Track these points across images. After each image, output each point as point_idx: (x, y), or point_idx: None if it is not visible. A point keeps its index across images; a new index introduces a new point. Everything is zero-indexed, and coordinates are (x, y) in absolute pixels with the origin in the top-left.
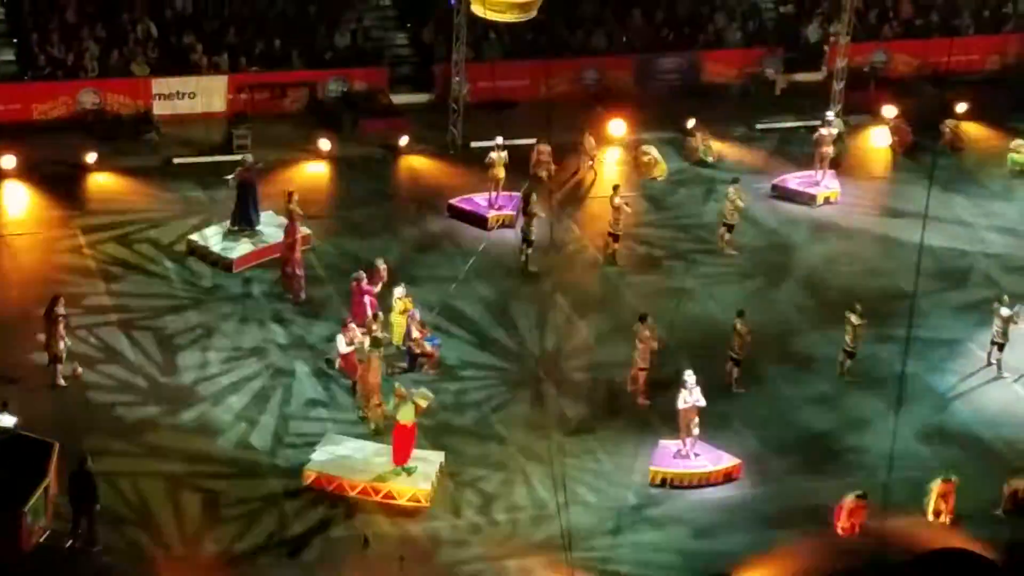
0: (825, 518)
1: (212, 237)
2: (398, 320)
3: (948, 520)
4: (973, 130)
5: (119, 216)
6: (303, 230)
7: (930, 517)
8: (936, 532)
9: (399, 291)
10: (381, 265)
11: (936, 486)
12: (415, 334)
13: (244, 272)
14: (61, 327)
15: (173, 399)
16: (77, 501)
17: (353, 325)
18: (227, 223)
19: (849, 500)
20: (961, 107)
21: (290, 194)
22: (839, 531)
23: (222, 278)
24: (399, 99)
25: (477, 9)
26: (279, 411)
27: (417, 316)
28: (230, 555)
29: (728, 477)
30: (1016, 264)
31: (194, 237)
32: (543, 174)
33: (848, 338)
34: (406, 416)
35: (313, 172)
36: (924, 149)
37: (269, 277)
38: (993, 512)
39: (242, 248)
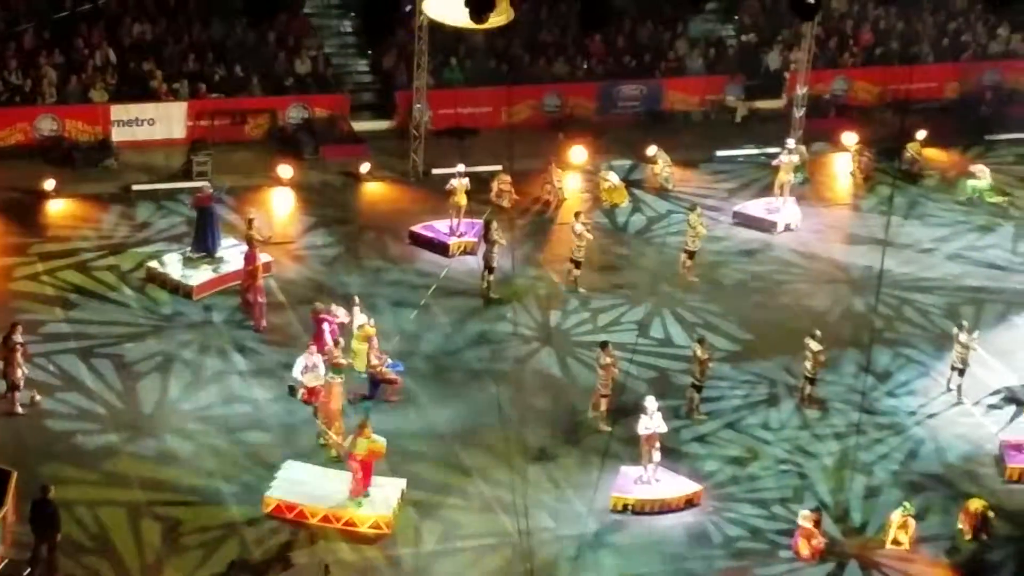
0: (787, 544)
1: (171, 264)
2: (360, 347)
3: (909, 548)
4: (934, 156)
5: (78, 243)
6: (263, 257)
7: (888, 546)
8: (897, 558)
9: (361, 318)
10: (336, 311)
11: (895, 518)
12: (374, 360)
13: (204, 299)
14: (19, 355)
15: (133, 427)
16: (39, 530)
17: (314, 349)
18: (187, 250)
19: (803, 517)
20: (921, 134)
21: (250, 220)
22: (800, 557)
23: (182, 305)
24: (360, 126)
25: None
26: (240, 439)
27: (375, 343)
28: None
29: (690, 503)
30: (973, 290)
31: (153, 264)
32: (504, 203)
33: (808, 364)
34: (360, 449)
35: (274, 199)
36: (885, 176)
37: (230, 304)
38: (954, 536)
39: (202, 275)
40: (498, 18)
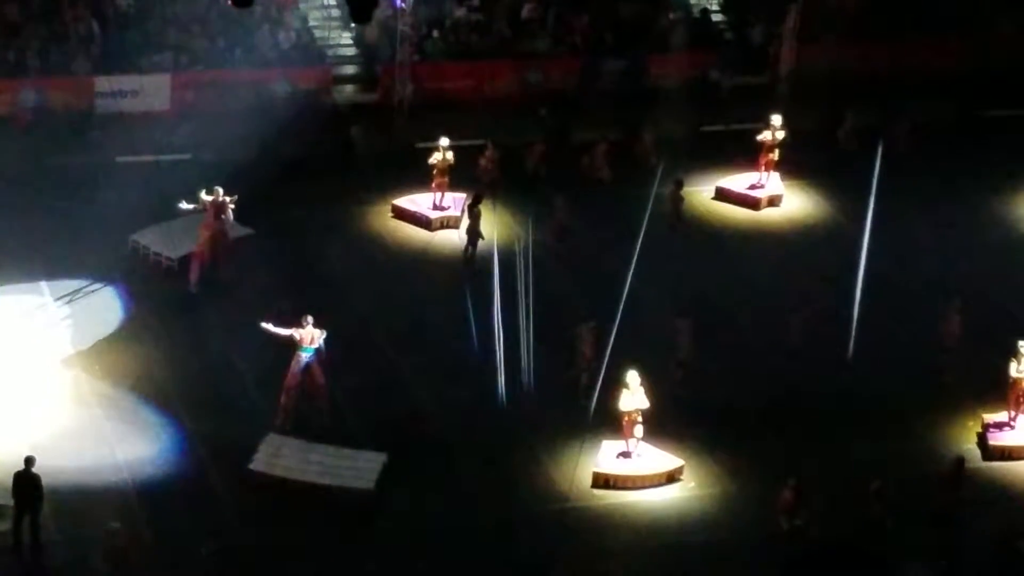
0: (769, 517)
1: (155, 236)
2: None
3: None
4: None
5: None
6: (246, 230)
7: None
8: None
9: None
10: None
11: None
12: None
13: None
14: None
15: None
16: (21, 502)
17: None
18: (169, 223)
19: (786, 494)
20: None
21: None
22: (783, 528)
23: (166, 277)
24: (343, 99)
25: None
26: (222, 410)
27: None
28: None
29: (671, 478)
30: (963, 263)
31: (137, 236)
32: (488, 178)
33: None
34: None
35: (256, 172)
36: (873, 150)
37: (212, 275)
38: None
39: (185, 247)
40: None
